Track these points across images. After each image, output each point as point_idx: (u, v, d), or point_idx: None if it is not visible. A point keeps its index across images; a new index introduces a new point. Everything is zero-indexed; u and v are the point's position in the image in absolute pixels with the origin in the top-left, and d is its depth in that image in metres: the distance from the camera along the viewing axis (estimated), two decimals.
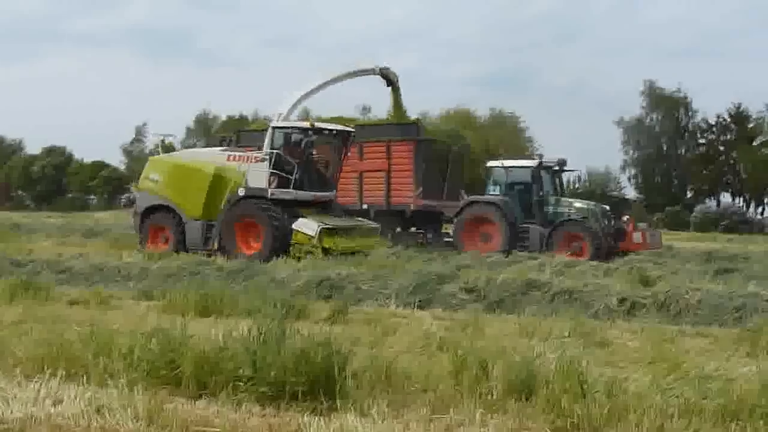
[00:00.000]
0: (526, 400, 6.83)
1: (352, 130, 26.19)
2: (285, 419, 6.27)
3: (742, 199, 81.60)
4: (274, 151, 24.31)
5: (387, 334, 10.87)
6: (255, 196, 24.13)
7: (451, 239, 30.44)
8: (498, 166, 30.05)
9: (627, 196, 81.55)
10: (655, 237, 29.62)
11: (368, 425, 5.59)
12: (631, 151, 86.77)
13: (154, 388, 6.93)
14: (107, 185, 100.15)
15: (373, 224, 26.17)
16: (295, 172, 24.20)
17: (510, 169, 29.59)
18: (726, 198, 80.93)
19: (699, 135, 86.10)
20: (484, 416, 6.48)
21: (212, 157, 26.25)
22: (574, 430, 6.12)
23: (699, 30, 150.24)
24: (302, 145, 24.78)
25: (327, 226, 23.19)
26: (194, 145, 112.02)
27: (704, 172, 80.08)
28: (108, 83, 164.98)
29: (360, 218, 26.84)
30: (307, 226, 23.02)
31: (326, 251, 22.26)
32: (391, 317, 12.84)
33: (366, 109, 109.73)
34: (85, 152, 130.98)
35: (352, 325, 11.79)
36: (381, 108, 46.21)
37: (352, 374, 7.13)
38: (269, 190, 24.02)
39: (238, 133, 36.28)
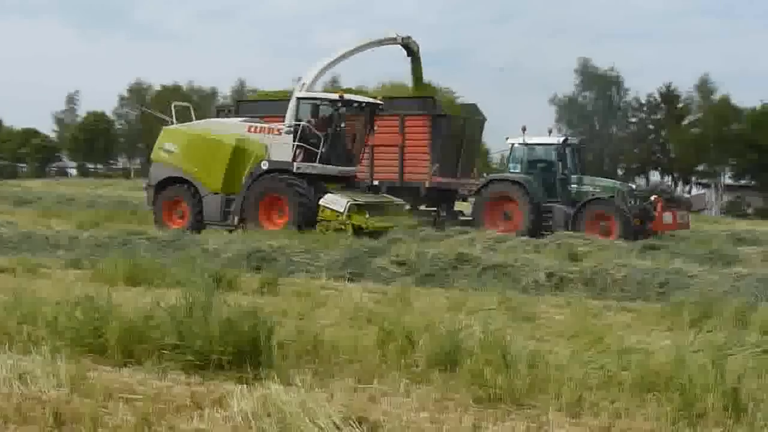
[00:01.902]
0: (451, 371, 6.92)
1: (381, 102, 24.75)
2: (209, 388, 6.28)
3: (670, 177, 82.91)
4: (301, 123, 23.15)
5: (317, 306, 10.92)
6: (279, 169, 22.92)
7: (466, 217, 29.37)
8: (519, 144, 28.62)
9: None
10: (684, 217, 28.49)
11: (292, 394, 5.62)
12: (564, 129, 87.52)
13: (78, 356, 6.90)
14: (38, 153, 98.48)
15: (400, 201, 25.02)
16: (322, 145, 22.96)
17: (532, 146, 28.45)
18: (655, 176, 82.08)
19: (630, 114, 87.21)
20: (408, 387, 6.56)
21: (232, 128, 24.78)
22: (496, 401, 6.21)
23: (633, 12, 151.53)
24: (330, 118, 23.52)
25: (357, 202, 22.17)
26: (127, 114, 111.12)
27: (635, 150, 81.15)
28: (39, 53, 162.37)
29: (385, 194, 25.90)
30: (335, 202, 21.88)
31: (358, 229, 21.23)
32: (321, 290, 12.90)
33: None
34: (15, 119, 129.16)
35: (282, 297, 11.83)
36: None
37: (279, 345, 7.17)
38: (295, 164, 22.82)
39: (238, 103, 34.96)
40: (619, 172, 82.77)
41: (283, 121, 23.98)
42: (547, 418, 5.90)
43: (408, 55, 28.52)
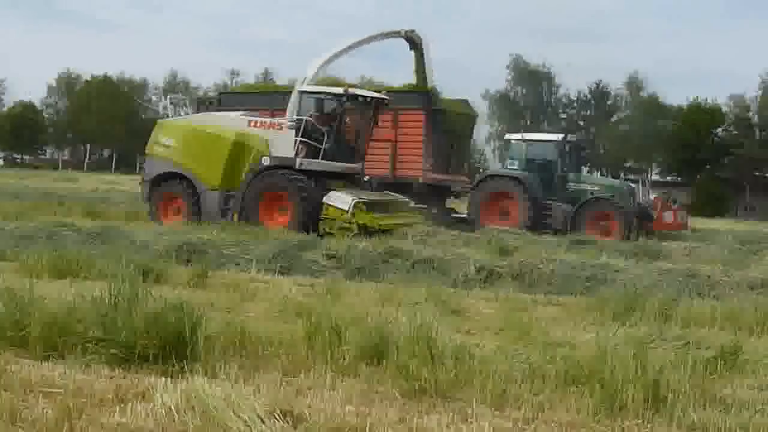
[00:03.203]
0: (378, 364, 6.94)
1: (387, 97, 23.88)
2: (133, 381, 6.22)
3: (599, 173, 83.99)
4: (304, 117, 22.36)
5: (246, 300, 10.88)
6: (281, 165, 22.17)
7: (459, 215, 29.15)
8: (518, 140, 28.72)
9: None
10: (683, 217, 28.61)
11: (217, 388, 5.59)
12: (496, 124, 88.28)
13: None
14: None
15: (405, 198, 24.40)
16: (326, 141, 22.23)
17: (531, 143, 28.37)
18: (584, 172, 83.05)
19: (561, 110, 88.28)
20: (334, 379, 6.57)
21: (232, 122, 23.75)
22: (421, 394, 6.24)
23: (568, 10, 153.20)
24: (334, 112, 22.72)
25: (362, 200, 21.33)
26: (56, 104, 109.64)
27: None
28: None
29: (389, 192, 24.73)
30: (339, 199, 21.09)
31: (364, 228, 20.37)
32: (251, 282, 12.82)
33: (234, 73, 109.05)
34: None
35: (211, 290, 11.73)
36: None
37: (206, 338, 7.10)
38: (298, 160, 22.09)
39: (221, 95, 34.07)
40: None
41: (267, 114, 23.74)
42: (472, 410, 5.95)
43: (411, 49, 27.93)
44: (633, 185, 29.14)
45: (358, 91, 23.53)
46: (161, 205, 23.87)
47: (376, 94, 23.76)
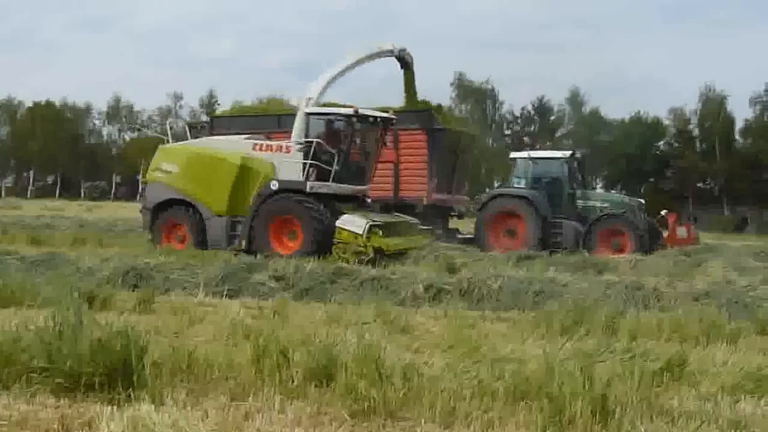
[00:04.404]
0: (326, 385, 6.91)
1: (394, 117, 23.55)
2: (79, 410, 6.13)
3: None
4: (314, 139, 21.82)
5: (193, 323, 10.80)
6: (290, 189, 21.63)
7: (464, 235, 28.69)
8: (523, 158, 28.17)
9: None
10: (695, 231, 28.11)
11: (164, 414, 5.54)
12: None
13: None
14: None
15: (414, 220, 24.06)
16: (336, 163, 21.74)
17: (537, 160, 27.92)
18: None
19: (505, 126, 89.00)
20: (283, 402, 6.52)
21: (236, 146, 23.15)
22: (371, 414, 6.23)
23: (507, 23, 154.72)
24: (343, 133, 22.40)
25: (375, 223, 20.92)
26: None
27: (510, 162, 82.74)
28: None
29: (398, 213, 24.43)
30: (353, 223, 20.54)
31: (379, 252, 20.10)
32: (198, 306, 12.73)
33: (178, 97, 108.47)
34: None
35: (158, 315, 11.65)
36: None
37: (153, 363, 7.02)
38: (308, 184, 21.57)
39: (212, 119, 33.42)
40: (495, 183, 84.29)
41: (260, 137, 23.26)
42: (421, 429, 5.95)
43: (402, 68, 27.69)
44: (642, 201, 28.88)
45: (368, 111, 23.02)
46: (164, 234, 23.10)
47: (384, 114, 23.33)
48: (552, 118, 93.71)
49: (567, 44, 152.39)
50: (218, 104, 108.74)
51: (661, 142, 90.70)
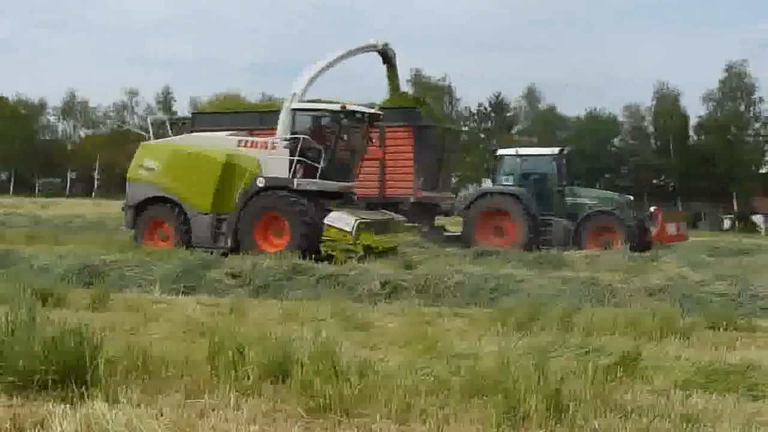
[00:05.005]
0: (282, 382, 6.90)
1: (381, 113, 23.46)
2: (32, 409, 6.06)
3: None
4: (301, 135, 21.48)
5: (149, 321, 10.77)
6: (277, 186, 21.28)
7: (451, 233, 28.45)
8: (511, 155, 27.80)
9: None
10: (684, 228, 28.00)
11: (118, 412, 5.50)
12: None
13: None
14: None
15: (401, 217, 23.67)
16: (323, 159, 21.38)
17: (526, 157, 27.63)
18: (488, 183, 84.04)
19: (462, 123, 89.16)
20: (238, 399, 6.50)
21: (219, 143, 22.71)
22: (326, 411, 6.21)
23: (468, 23, 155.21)
24: (330, 130, 21.99)
25: (364, 220, 20.62)
26: None
27: (467, 159, 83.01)
28: None
29: (384, 210, 24.04)
30: (341, 220, 20.20)
31: (368, 250, 19.68)
32: (154, 304, 12.72)
33: (133, 93, 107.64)
34: None
35: (113, 312, 11.61)
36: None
37: (107, 361, 6.96)
38: (295, 181, 21.22)
39: (194, 115, 32.78)
40: (453, 180, 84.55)
41: (245, 134, 22.93)
42: (377, 425, 5.96)
43: (384, 62, 27.37)
44: (631, 197, 28.76)
45: (355, 107, 22.63)
46: (147, 232, 22.67)
47: (371, 110, 23.25)
48: (508, 114, 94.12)
49: (526, 44, 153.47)
50: (174, 101, 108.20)
51: (617, 139, 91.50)
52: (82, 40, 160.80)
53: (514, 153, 27.96)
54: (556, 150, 28.42)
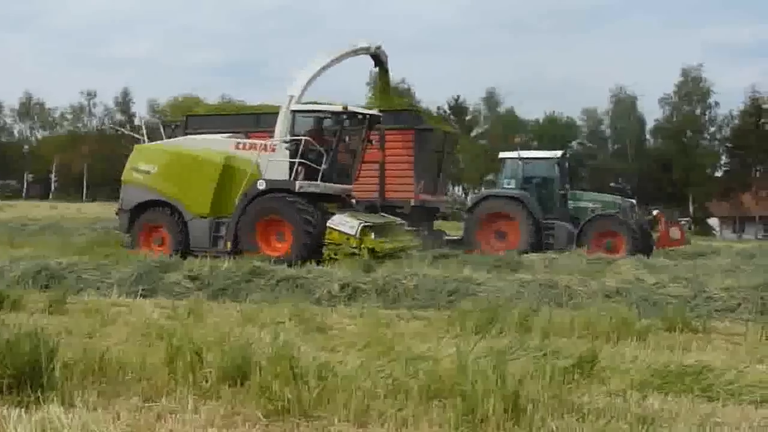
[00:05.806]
0: (241, 385, 6.87)
1: (381, 114, 23.21)
2: None
3: (461, 188, 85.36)
4: (303, 137, 21.17)
5: (106, 324, 10.67)
6: (278, 189, 21.01)
7: (452, 237, 28.33)
8: (513, 158, 27.72)
9: None
10: (686, 232, 27.84)
11: (73, 416, 5.47)
12: None
13: None
14: None
15: (401, 221, 23.50)
16: (324, 161, 21.17)
17: (528, 161, 27.57)
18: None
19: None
20: (196, 403, 6.47)
21: (217, 145, 22.44)
22: (285, 414, 6.21)
23: (424, 25, 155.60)
24: (331, 131, 21.74)
25: (367, 223, 20.36)
26: None
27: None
28: None
29: (384, 214, 23.72)
30: (345, 223, 20.00)
31: (372, 253, 19.44)
32: (112, 307, 12.59)
33: (91, 95, 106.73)
34: None
35: (70, 316, 11.52)
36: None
37: (63, 365, 6.91)
38: (297, 183, 20.96)
39: (187, 117, 32.28)
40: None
41: (241, 136, 22.68)
42: (335, 428, 5.96)
43: (375, 65, 27.18)
44: (633, 201, 28.77)
45: (357, 109, 22.57)
46: (142, 237, 22.38)
47: (371, 112, 23.09)
48: (467, 117, 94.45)
49: (486, 47, 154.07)
50: (133, 103, 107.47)
51: (575, 142, 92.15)
52: (37, 41, 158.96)
53: (517, 156, 27.94)
54: (558, 153, 28.50)
